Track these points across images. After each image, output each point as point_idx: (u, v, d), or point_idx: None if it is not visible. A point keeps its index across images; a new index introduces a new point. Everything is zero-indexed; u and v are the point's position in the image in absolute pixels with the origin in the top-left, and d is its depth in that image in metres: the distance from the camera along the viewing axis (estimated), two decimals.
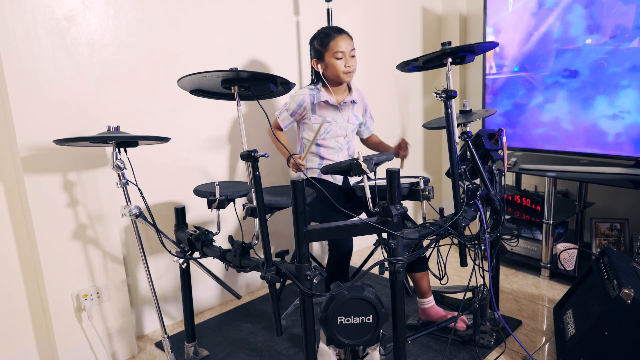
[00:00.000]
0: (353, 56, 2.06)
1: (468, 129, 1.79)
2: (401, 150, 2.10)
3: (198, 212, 2.27)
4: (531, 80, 2.63)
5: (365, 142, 2.39)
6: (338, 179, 2.17)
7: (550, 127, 2.59)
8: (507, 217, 2.74)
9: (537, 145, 2.68)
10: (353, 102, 2.17)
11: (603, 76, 2.36)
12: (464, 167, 1.77)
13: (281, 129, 2.18)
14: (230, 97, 1.65)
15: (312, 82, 2.18)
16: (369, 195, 1.45)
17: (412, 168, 3.39)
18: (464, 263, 1.74)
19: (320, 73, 2.09)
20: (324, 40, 2.04)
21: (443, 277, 1.71)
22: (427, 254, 1.91)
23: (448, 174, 1.70)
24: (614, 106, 2.35)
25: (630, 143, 2.33)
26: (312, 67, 2.14)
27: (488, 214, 1.84)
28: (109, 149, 1.76)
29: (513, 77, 2.71)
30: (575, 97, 2.47)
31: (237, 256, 1.58)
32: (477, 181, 1.80)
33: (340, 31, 2.05)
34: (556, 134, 2.57)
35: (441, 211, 1.72)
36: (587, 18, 2.36)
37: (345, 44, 2.03)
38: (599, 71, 2.36)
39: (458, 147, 1.66)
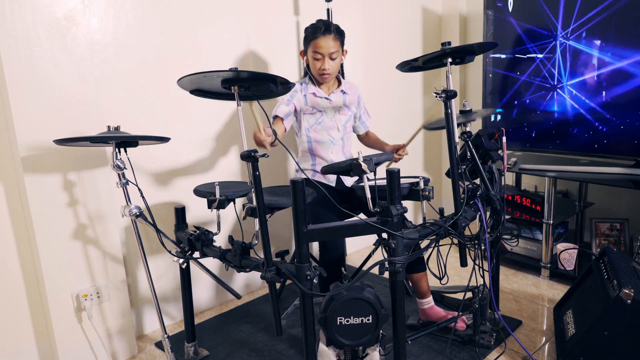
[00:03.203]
0: (333, 59, 1.99)
1: (468, 129, 1.79)
2: (397, 153, 2.10)
3: (198, 212, 2.27)
4: (531, 79, 2.63)
5: (362, 139, 2.36)
6: (331, 180, 2.13)
7: (551, 127, 2.59)
8: (507, 217, 2.74)
9: (537, 145, 2.67)
10: (343, 92, 2.14)
11: (604, 74, 2.36)
12: (464, 167, 1.76)
13: (280, 119, 2.01)
14: (230, 97, 1.65)
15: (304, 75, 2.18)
16: (369, 195, 1.45)
17: (412, 168, 3.39)
18: (464, 263, 1.74)
19: (305, 65, 2.09)
20: (309, 37, 2.00)
21: (443, 277, 1.71)
22: (427, 254, 1.90)
23: (448, 174, 1.70)
24: (614, 105, 2.35)
25: (630, 143, 2.33)
26: None
27: (488, 214, 1.84)
28: (109, 149, 1.76)
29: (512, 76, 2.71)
30: (576, 96, 2.47)
31: (237, 256, 1.58)
32: (477, 181, 1.81)
33: (326, 30, 1.96)
34: (556, 134, 2.57)
35: (441, 211, 1.72)
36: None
37: (326, 45, 1.96)
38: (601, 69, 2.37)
39: (458, 147, 1.66)
